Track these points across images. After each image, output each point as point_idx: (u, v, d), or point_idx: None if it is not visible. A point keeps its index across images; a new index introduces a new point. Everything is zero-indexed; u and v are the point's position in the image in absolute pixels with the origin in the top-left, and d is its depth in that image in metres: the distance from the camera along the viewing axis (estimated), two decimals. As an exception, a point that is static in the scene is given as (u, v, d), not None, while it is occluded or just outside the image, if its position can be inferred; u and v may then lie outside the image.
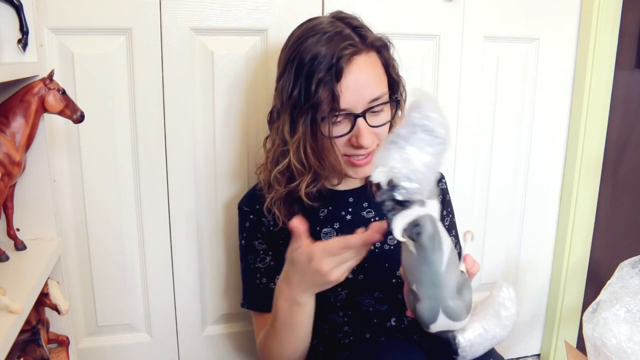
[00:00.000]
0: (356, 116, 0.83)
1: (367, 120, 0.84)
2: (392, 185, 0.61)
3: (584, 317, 1.08)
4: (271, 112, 0.94)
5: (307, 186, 0.89)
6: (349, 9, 0.92)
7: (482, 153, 1.34)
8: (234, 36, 1.10)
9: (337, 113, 0.82)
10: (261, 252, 0.96)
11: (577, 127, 1.36)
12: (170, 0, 1.04)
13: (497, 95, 1.31)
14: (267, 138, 0.95)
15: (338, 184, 0.94)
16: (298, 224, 0.73)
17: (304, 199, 0.89)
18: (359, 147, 0.84)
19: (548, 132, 1.38)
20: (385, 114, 0.87)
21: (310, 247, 0.72)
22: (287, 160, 0.88)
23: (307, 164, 0.87)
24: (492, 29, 1.26)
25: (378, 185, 0.95)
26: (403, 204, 0.62)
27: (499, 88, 1.31)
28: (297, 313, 0.80)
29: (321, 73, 0.80)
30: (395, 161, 0.61)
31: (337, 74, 0.80)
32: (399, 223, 0.62)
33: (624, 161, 1.42)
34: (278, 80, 0.89)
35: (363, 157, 0.86)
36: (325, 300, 0.92)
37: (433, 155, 0.62)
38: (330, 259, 0.71)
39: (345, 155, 0.86)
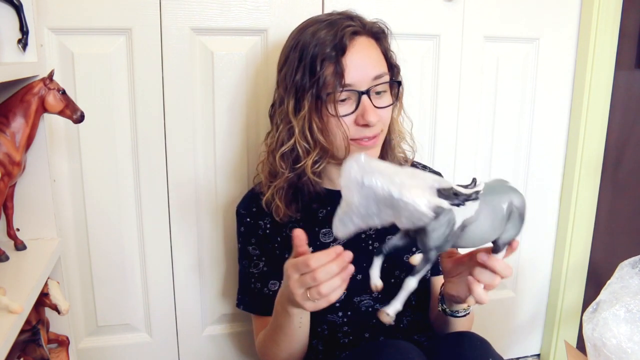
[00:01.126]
0: (361, 93, 0.84)
1: (372, 100, 0.84)
2: (445, 193, 0.62)
3: (584, 317, 1.08)
4: (272, 105, 0.94)
5: (313, 164, 0.88)
6: (348, 9, 0.92)
7: (482, 153, 1.34)
8: (234, 36, 1.10)
9: (342, 89, 0.83)
10: (255, 257, 0.97)
11: (577, 127, 1.35)
12: (170, 0, 1.04)
13: (497, 95, 1.31)
14: (268, 134, 0.95)
15: (345, 157, 0.89)
16: (299, 234, 0.72)
17: (310, 176, 0.89)
18: (365, 125, 0.84)
19: (548, 132, 1.38)
20: (387, 97, 0.88)
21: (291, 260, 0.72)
22: (292, 140, 0.87)
23: (313, 140, 0.87)
24: (492, 29, 1.26)
25: None
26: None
27: (499, 88, 1.31)
28: (289, 322, 0.81)
29: (326, 49, 0.82)
30: (427, 187, 0.62)
31: (341, 49, 0.82)
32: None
33: (624, 161, 1.42)
34: (279, 72, 0.90)
35: (368, 139, 0.86)
36: None
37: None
38: (293, 270, 0.70)
39: (352, 139, 0.86)
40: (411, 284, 0.66)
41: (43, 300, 0.81)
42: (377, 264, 0.70)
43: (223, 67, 1.10)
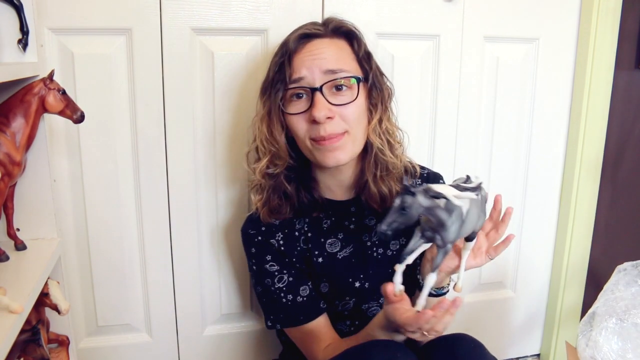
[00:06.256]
0: (313, 90, 0.84)
1: (327, 96, 0.84)
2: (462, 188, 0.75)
3: (578, 328, 1.08)
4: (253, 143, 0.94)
5: (266, 167, 0.90)
6: (349, 9, 0.92)
7: (482, 153, 1.34)
8: (234, 36, 1.10)
9: (292, 85, 0.84)
10: (276, 272, 0.94)
11: (577, 127, 1.36)
12: (170, 0, 1.04)
13: (497, 95, 1.31)
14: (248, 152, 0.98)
15: (312, 158, 0.90)
16: (388, 290, 0.76)
17: (258, 177, 0.91)
18: (314, 121, 0.83)
19: (548, 132, 1.38)
20: (349, 94, 0.85)
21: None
22: (254, 143, 0.91)
23: (266, 143, 0.89)
24: (492, 29, 1.26)
25: (368, 197, 0.95)
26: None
27: (499, 88, 1.31)
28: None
29: (279, 54, 0.87)
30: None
31: (295, 48, 0.85)
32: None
33: (624, 161, 1.42)
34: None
35: (325, 138, 0.84)
36: (334, 309, 0.92)
37: None
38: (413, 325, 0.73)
39: (311, 139, 0.86)
40: (432, 279, 0.75)
41: (43, 300, 0.82)
42: (399, 271, 0.76)
43: (223, 67, 1.10)
